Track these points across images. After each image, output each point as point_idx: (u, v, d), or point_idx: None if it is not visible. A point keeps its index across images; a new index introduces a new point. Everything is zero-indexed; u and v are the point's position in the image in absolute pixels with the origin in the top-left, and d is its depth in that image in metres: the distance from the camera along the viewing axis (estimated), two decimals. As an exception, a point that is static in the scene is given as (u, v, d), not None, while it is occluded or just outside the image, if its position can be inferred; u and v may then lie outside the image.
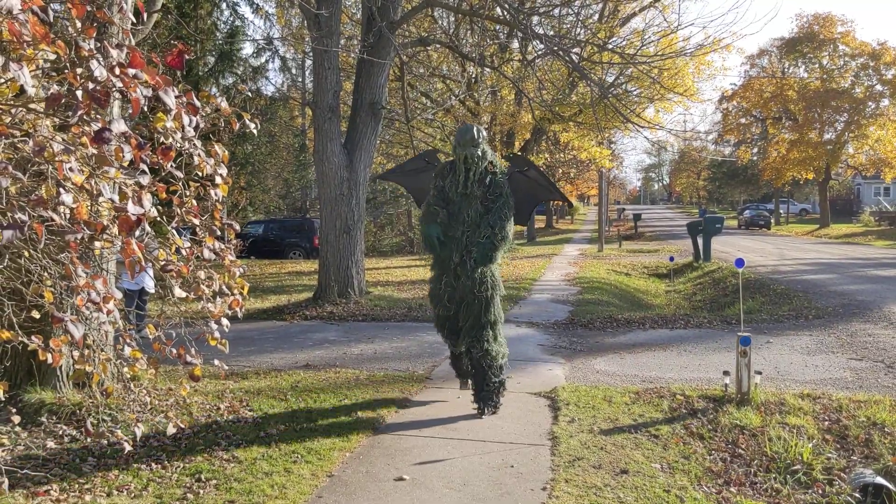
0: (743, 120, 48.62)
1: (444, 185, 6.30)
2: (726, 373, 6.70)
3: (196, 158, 3.31)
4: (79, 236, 2.19)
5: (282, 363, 8.38)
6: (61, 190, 2.11)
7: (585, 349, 9.20)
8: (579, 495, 4.60)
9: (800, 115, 42.05)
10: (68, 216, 2.76)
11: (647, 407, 6.49)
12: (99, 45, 2.21)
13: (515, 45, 22.43)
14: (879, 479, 5.02)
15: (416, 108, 21.31)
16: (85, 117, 2.13)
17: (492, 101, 25.36)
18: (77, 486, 4.61)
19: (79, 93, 2.14)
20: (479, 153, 6.20)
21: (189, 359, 3.40)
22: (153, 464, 5.00)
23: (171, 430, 3.91)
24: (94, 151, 2.40)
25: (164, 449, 5.27)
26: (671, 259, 22.23)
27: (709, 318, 11.81)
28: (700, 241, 22.18)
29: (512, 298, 14.08)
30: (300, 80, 37.36)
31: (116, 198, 2.39)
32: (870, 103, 40.09)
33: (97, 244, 2.87)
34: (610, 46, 16.38)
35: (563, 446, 5.48)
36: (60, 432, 5.45)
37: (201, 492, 4.55)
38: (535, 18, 14.42)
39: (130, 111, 2.22)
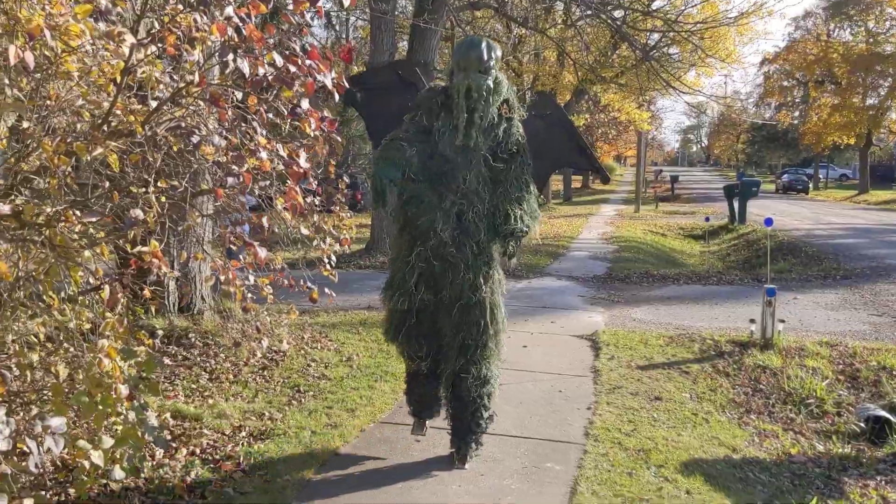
0: (785, 83, 48.06)
1: (430, 128, 4.16)
2: (752, 320, 7.42)
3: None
4: (267, 184, 3.00)
5: (346, 304, 9.25)
6: (260, 149, 2.91)
7: (623, 300, 9.94)
8: (619, 414, 5.42)
9: (843, 79, 41.54)
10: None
11: (679, 349, 7.26)
12: (280, 40, 3.00)
13: (560, 7, 22.76)
14: (882, 412, 5.77)
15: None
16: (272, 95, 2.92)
17: (535, 61, 25.76)
18: (198, 393, 5.54)
19: (269, 77, 2.92)
20: (491, 83, 4.03)
21: (309, 284, 4.23)
22: (258, 378, 5.93)
23: (285, 346, 4.76)
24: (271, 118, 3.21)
25: (265, 367, 6.19)
26: (707, 219, 22.60)
27: (740, 276, 12.46)
28: (736, 203, 22.57)
29: (552, 254, 14.85)
30: (344, 35, 37.87)
31: (284, 154, 3.17)
32: (915, 68, 39.46)
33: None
34: (653, 10, 16.74)
35: (604, 377, 6.29)
36: (173, 352, 6.39)
37: (302, 399, 5.46)
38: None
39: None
